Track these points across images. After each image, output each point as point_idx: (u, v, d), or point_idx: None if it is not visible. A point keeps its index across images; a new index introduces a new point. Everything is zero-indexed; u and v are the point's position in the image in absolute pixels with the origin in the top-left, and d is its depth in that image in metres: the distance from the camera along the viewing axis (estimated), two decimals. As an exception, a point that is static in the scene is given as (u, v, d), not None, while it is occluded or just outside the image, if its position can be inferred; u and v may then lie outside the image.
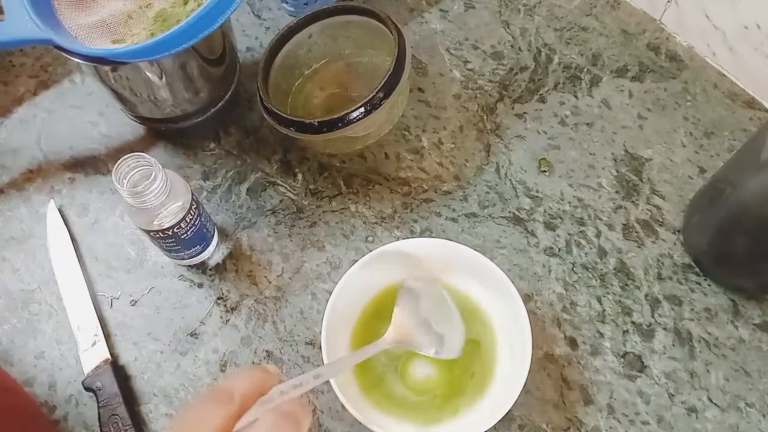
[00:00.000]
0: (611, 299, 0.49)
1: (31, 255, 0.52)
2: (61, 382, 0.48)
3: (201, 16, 0.42)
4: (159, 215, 0.44)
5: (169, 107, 0.52)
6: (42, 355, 0.49)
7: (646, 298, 0.49)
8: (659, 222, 0.51)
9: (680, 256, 0.50)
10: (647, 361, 0.46)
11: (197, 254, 0.50)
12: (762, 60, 0.54)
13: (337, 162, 0.55)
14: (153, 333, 0.49)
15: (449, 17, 0.62)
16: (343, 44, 0.57)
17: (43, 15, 0.45)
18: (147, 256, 0.52)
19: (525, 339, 0.41)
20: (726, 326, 0.47)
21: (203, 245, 0.49)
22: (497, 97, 0.58)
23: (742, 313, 0.48)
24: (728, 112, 0.56)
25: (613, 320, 0.48)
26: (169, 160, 0.56)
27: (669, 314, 0.48)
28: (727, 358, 0.46)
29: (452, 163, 0.55)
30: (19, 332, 0.49)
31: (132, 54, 0.43)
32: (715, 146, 0.54)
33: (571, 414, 0.45)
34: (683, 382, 0.46)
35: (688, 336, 0.47)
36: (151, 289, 0.51)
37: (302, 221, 0.53)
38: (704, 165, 0.54)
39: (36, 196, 0.55)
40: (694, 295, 0.49)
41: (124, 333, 0.49)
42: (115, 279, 0.51)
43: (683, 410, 0.45)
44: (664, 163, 0.54)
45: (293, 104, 0.57)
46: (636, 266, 0.50)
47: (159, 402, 0.46)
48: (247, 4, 0.65)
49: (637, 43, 0.60)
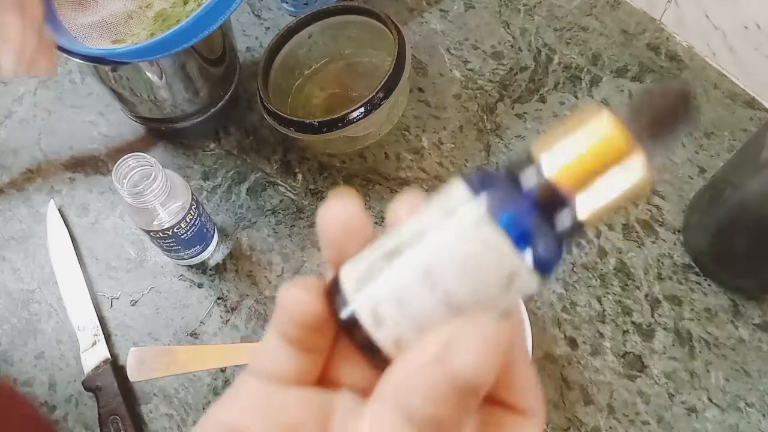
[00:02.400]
0: (611, 299, 0.49)
1: (31, 255, 0.52)
2: (61, 382, 0.48)
3: (201, 16, 0.42)
4: (159, 215, 0.44)
5: (169, 107, 0.52)
6: (42, 355, 0.49)
7: (646, 298, 0.48)
8: (659, 222, 0.51)
9: (680, 256, 0.50)
10: (647, 361, 0.46)
11: (197, 254, 0.50)
12: (762, 60, 0.54)
13: (337, 162, 0.55)
14: (153, 333, 0.49)
15: (449, 17, 0.62)
16: (343, 44, 0.57)
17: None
18: (147, 256, 0.52)
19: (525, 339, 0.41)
20: (726, 326, 0.47)
21: (203, 245, 0.49)
22: (497, 97, 0.58)
23: (742, 313, 0.48)
24: (728, 112, 0.56)
25: (613, 320, 0.48)
26: (169, 160, 0.56)
27: (669, 314, 0.48)
28: (727, 358, 0.46)
29: (452, 163, 0.55)
30: (19, 332, 0.49)
31: (132, 54, 0.43)
32: (715, 146, 0.54)
33: (570, 414, 0.45)
34: (683, 382, 0.46)
35: (688, 336, 0.47)
36: (151, 289, 0.51)
37: (302, 221, 0.53)
38: (704, 165, 0.54)
39: (36, 196, 0.55)
40: (694, 295, 0.49)
41: (124, 333, 0.49)
42: (115, 279, 0.51)
43: (683, 410, 0.45)
44: (664, 162, 0.54)
45: (293, 104, 0.57)
46: (636, 266, 0.50)
47: (159, 402, 0.46)
48: (247, 4, 0.65)
49: (637, 43, 0.60)
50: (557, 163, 0.16)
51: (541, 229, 0.16)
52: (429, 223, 0.17)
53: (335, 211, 0.18)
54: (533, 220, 0.16)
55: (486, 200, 0.16)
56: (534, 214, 0.16)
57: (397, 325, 0.16)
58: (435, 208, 0.17)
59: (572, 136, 0.16)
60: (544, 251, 0.16)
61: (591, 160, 0.16)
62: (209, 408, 0.18)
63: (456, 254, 0.16)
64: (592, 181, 0.16)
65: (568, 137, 0.16)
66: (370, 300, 0.17)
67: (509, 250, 0.16)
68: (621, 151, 0.16)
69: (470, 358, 0.14)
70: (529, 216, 0.16)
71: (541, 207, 0.16)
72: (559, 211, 0.16)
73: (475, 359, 0.14)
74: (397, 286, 0.16)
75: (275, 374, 0.18)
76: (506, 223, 0.16)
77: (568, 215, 0.16)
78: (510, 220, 0.16)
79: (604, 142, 0.16)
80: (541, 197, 0.16)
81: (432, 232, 0.16)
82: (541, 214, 0.16)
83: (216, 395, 0.46)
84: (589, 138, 0.16)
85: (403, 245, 0.17)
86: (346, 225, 0.18)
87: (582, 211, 0.16)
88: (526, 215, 0.16)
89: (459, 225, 0.16)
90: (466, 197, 0.16)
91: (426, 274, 0.16)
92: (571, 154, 0.16)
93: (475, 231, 0.16)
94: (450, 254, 0.16)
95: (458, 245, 0.16)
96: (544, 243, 0.16)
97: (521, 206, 0.16)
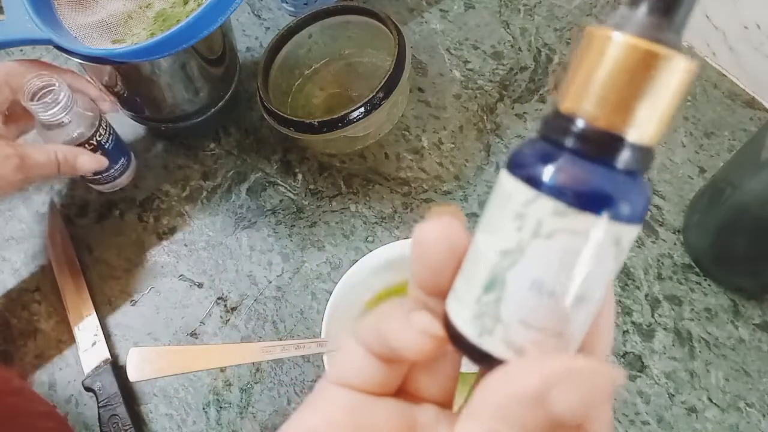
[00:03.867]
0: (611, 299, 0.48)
1: (31, 255, 0.52)
2: (61, 382, 0.48)
3: (201, 16, 0.42)
4: (76, 128, 0.47)
5: (169, 107, 0.52)
6: (42, 355, 0.49)
7: (646, 298, 0.48)
8: (659, 222, 0.51)
9: (680, 256, 0.50)
10: (647, 361, 0.46)
11: (125, 169, 0.53)
12: (762, 60, 0.54)
13: (337, 162, 0.55)
14: (153, 333, 0.49)
15: (449, 17, 0.62)
16: (343, 44, 0.57)
17: (43, 15, 0.45)
18: (147, 256, 0.52)
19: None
20: (726, 326, 0.47)
21: (126, 158, 0.53)
22: (497, 97, 0.58)
23: (742, 313, 0.48)
24: (728, 112, 0.56)
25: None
26: (170, 160, 0.56)
27: (669, 314, 0.48)
28: (727, 358, 0.46)
29: (452, 163, 0.55)
30: (19, 332, 0.49)
31: (132, 54, 0.43)
32: (715, 146, 0.54)
33: (571, 414, 0.45)
34: (683, 382, 0.46)
35: (688, 336, 0.47)
36: (150, 289, 0.51)
37: (302, 221, 0.53)
38: (704, 165, 0.54)
39: (36, 196, 0.55)
40: (694, 295, 0.48)
41: (124, 333, 0.49)
42: (115, 279, 0.51)
43: (683, 410, 0.45)
44: (664, 163, 0.54)
45: (293, 104, 0.57)
46: (636, 266, 0.50)
47: (159, 402, 0.46)
48: (247, 4, 0.65)
49: (637, 43, 0.60)
50: (596, 106, 0.15)
51: (614, 181, 0.15)
52: (508, 237, 0.16)
53: (440, 233, 0.17)
54: (603, 180, 0.15)
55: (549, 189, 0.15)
56: (600, 171, 0.15)
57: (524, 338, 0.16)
58: (501, 216, 0.16)
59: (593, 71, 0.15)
60: (630, 201, 0.15)
61: (624, 83, 0.15)
62: (292, 415, 0.18)
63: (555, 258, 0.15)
64: (637, 100, 0.15)
65: (590, 74, 0.15)
66: (500, 341, 0.16)
67: (602, 226, 0.15)
68: (645, 58, 0.14)
69: (571, 402, 0.14)
70: (597, 177, 0.15)
71: (603, 159, 0.15)
72: (623, 150, 0.15)
73: (576, 403, 0.14)
74: (517, 314, 0.16)
75: (360, 385, 0.18)
76: (582, 201, 0.15)
77: (633, 150, 0.15)
78: (582, 195, 0.15)
79: (626, 59, 0.15)
80: (600, 149, 0.15)
81: (518, 246, 0.15)
82: (607, 166, 0.15)
83: (216, 395, 0.46)
84: (609, 63, 0.15)
85: (499, 270, 0.16)
86: (451, 249, 0.17)
87: (643, 136, 0.15)
88: (594, 178, 0.15)
89: (539, 226, 0.15)
90: (527, 193, 0.15)
91: (538, 288, 0.15)
92: (604, 88, 0.15)
93: (558, 224, 0.15)
94: (549, 261, 0.15)
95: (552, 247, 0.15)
96: (625, 192, 0.15)
97: (586, 172, 0.15)
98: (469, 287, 0.16)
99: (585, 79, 0.15)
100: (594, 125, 0.15)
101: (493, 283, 0.16)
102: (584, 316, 0.16)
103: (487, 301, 0.16)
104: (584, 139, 0.15)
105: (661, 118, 0.15)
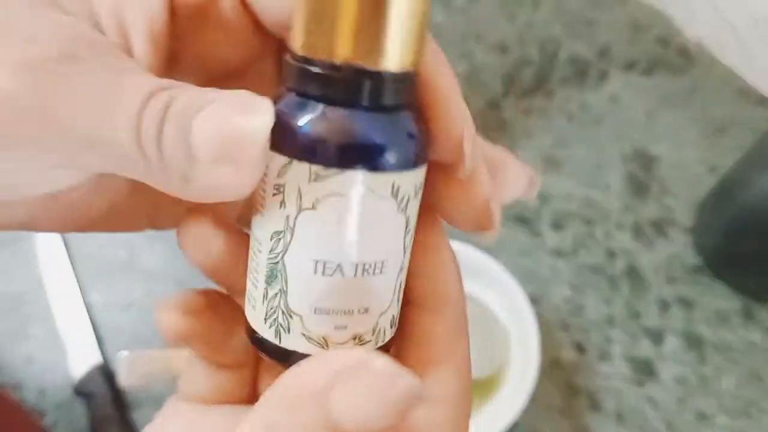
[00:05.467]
0: (620, 302, 0.47)
1: (21, 257, 0.51)
2: (52, 387, 0.46)
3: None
4: None
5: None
6: (32, 360, 0.47)
7: (655, 300, 0.47)
8: (670, 222, 0.50)
9: (691, 257, 0.49)
10: (657, 366, 0.45)
11: None
12: (775, 55, 0.52)
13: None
14: (146, 337, 0.48)
15: (452, 9, 0.61)
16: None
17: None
18: (139, 260, 0.51)
19: (531, 343, 0.40)
20: (738, 330, 0.46)
21: None
22: (502, 91, 0.56)
23: (754, 316, 0.47)
24: (739, 110, 0.55)
25: (621, 324, 0.47)
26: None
27: (679, 317, 0.47)
28: (739, 362, 0.45)
29: (455, 160, 0.54)
30: (8, 336, 0.48)
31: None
32: (726, 144, 0.53)
33: (577, 422, 0.44)
34: (694, 387, 0.44)
35: (698, 340, 0.46)
36: (143, 292, 0.49)
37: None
38: (715, 163, 0.52)
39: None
40: (705, 298, 0.47)
41: (116, 337, 0.48)
42: (107, 282, 0.50)
43: (693, 416, 0.44)
44: (674, 161, 0.53)
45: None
46: (645, 268, 0.48)
47: (151, 407, 0.45)
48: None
49: (645, 37, 0.59)
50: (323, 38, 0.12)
51: (370, 126, 0.13)
52: (275, 218, 0.14)
53: (191, 248, 0.17)
54: (355, 127, 0.13)
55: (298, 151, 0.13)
56: (350, 117, 0.13)
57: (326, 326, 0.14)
58: (265, 194, 0.14)
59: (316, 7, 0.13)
60: (392, 144, 0.13)
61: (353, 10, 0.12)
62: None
63: (328, 230, 0.13)
64: (377, 24, 0.12)
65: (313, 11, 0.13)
66: (299, 337, 0.14)
67: (367, 182, 0.13)
68: None
69: (351, 407, 0.12)
70: (347, 125, 0.13)
71: (349, 101, 0.13)
72: (372, 85, 0.13)
73: (356, 410, 0.12)
74: (308, 302, 0.14)
75: (199, 395, 0.17)
76: (336, 159, 0.13)
77: (383, 82, 0.13)
78: (335, 151, 0.13)
79: None
80: (342, 90, 0.13)
81: (286, 226, 0.13)
82: (355, 108, 0.13)
83: (212, 401, 0.45)
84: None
85: (276, 259, 0.14)
86: (207, 260, 0.17)
87: (396, 63, 0.13)
88: (344, 128, 0.13)
89: (299, 198, 0.13)
90: (279, 160, 0.13)
91: (321, 269, 0.13)
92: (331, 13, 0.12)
93: (318, 190, 0.13)
94: (323, 235, 0.13)
95: (321, 218, 0.13)
96: (384, 136, 0.13)
97: (333, 123, 0.13)
98: (255, 286, 0.15)
99: (311, 9, 0.13)
100: (330, 61, 0.13)
101: (272, 275, 0.14)
102: (388, 279, 0.14)
103: (273, 296, 0.14)
104: (320, 82, 0.13)
105: (408, 35, 0.13)
